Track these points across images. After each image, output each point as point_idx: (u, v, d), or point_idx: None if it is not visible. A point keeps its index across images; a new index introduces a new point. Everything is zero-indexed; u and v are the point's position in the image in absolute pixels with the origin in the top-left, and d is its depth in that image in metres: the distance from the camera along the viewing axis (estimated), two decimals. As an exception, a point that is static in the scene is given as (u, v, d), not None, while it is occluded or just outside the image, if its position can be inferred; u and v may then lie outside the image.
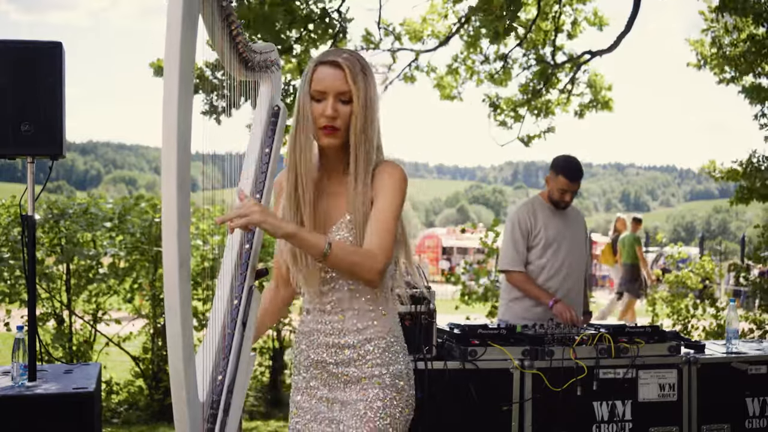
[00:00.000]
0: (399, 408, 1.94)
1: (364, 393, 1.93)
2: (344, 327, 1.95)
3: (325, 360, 1.97)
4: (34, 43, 2.97)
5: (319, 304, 1.98)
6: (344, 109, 1.88)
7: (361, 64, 1.90)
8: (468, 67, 8.10)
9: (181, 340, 1.42)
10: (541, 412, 3.16)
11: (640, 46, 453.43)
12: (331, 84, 1.87)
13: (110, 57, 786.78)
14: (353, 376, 1.95)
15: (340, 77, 1.87)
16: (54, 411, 2.70)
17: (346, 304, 1.96)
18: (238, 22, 1.69)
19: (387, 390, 1.93)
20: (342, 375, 1.96)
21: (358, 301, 1.96)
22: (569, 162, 3.98)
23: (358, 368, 1.95)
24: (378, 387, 1.93)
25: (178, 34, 1.37)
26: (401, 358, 1.99)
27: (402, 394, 1.96)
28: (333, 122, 1.88)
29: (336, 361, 1.96)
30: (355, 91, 1.87)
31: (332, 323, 1.96)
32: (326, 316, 1.97)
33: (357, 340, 1.95)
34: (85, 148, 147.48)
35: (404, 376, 1.98)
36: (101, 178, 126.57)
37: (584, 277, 4.17)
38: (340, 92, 1.87)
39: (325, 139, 1.90)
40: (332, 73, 1.87)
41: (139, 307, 5.76)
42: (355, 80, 1.87)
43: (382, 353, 1.95)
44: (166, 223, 1.40)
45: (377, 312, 1.97)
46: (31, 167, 3.00)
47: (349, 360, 1.95)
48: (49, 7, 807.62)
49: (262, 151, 1.86)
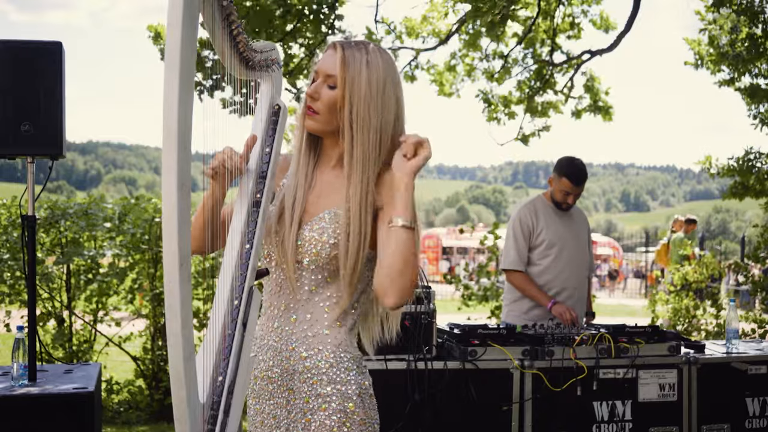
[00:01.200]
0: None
1: (309, 420, 1.73)
2: (293, 333, 1.77)
3: (271, 370, 1.79)
4: (34, 43, 2.97)
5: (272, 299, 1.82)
6: (328, 92, 1.76)
7: (368, 55, 1.75)
8: (466, 64, 8.11)
9: (181, 340, 1.42)
10: (541, 412, 3.16)
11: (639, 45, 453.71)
12: (323, 65, 1.78)
13: (110, 57, 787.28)
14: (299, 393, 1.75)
15: (332, 60, 1.76)
16: (54, 411, 2.70)
17: (302, 306, 1.78)
18: (239, 22, 1.68)
19: (335, 416, 1.71)
20: (285, 391, 1.77)
21: (315, 306, 1.78)
22: (573, 164, 3.97)
23: (304, 384, 1.75)
24: (324, 413, 1.72)
25: (179, 34, 1.37)
26: (352, 377, 1.75)
27: (353, 419, 1.72)
28: (312, 103, 1.77)
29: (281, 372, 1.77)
30: (343, 77, 1.73)
31: (282, 327, 1.79)
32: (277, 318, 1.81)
33: (303, 352, 1.75)
34: (85, 148, 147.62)
35: (354, 397, 1.74)
36: (101, 178, 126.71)
37: (588, 277, 4.17)
38: (327, 74, 1.76)
39: (307, 122, 1.80)
40: (330, 54, 1.78)
41: (139, 307, 5.76)
42: (346, 67, 1.74)
43: (330, 369, 1.74)
44: (166, 223, 1.40)
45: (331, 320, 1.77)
46: (31, 167, 3.00)
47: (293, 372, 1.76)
48: (48, 7, 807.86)
49: (263, 150, 1.85)
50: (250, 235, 1.74)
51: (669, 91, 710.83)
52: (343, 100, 1.74)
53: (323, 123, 1.78)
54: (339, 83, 1.74)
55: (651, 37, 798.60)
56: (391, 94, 1.77)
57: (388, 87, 1.76)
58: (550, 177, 4.08)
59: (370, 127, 1.73)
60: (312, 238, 1.76)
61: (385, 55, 1.80)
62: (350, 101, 1.74)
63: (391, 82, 1.77)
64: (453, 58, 8.10)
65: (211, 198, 1.78)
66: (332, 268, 1.76)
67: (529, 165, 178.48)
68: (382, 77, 1.75)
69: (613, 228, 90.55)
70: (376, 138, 1.74)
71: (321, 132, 1.81)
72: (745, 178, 7.72)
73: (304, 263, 1.77)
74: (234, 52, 1.74)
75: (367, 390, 1.78)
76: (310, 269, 1.77)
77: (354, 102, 1.73)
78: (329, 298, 1.78)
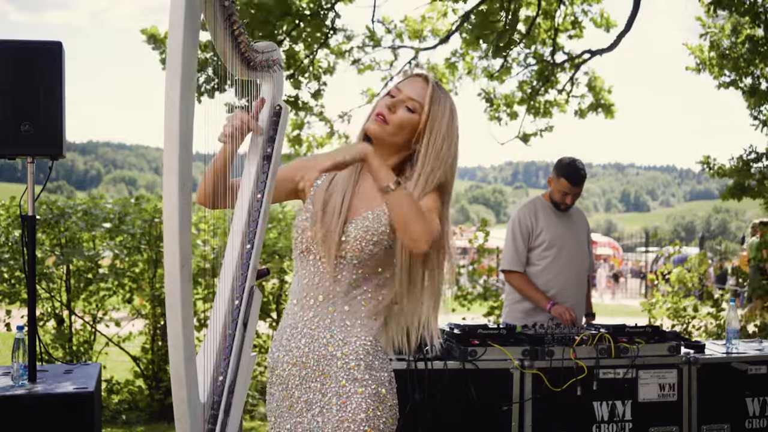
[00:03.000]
0: (382, 420, 1.83)
1: (345, 402, 1.82)
2: (333, 322, 1.89)
3: (306, 356, 1.89)
4: (34, 43, 2.97)
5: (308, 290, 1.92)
6: (405, 113, 1.94)
7: (451, 103, 1.98)
8: (466, 63, 8.11)
9: (182, 340, 1.42)
10: (541, 412, 3.16)
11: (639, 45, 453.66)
12: (410, 89, 1.95)
13: (110, 57, 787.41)
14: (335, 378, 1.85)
15: (420, 89, 1.95)
16: (54, 411, 2.70)
17: (340, 298, 1.90)
18: (240, 22, 1.68)
19: (370, 400, 1.82)
20: (320, 375, 1.87)
21: (354, 299, 1.90)
22: (572, 165, 3.96)
23: (342, 369, 1.85)
24: (360, 396, 1.82)
25: (180, 35, 1.37)
26: (385, 365, 1.90)
27: (385, 403, 1.85)
28: (387, 113, 1.93)
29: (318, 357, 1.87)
30: (428, 110, 1.93)
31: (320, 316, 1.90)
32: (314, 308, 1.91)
33: (342, 339, 1.87)
34: (85, 148, 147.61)
35: (387, 384, 1.88)
36: (101, 178, 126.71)
37: (587, 278, 4.17)
38: (410, 98, 1.94)
39: (372, 125, 1.94)
40: (419, 82, 1.97)
41: (139, 307, 5.76)
42: (433, 102, 1.93)
43: (367, 356, 1.87)
44: (168, 224, 1.40)
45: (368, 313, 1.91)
46: (31, 167, 3.00)
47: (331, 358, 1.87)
48: (48, 7, 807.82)
49: (264, 150, 1.85)
50: (251, 236, 1.74)
51: (669, 91, 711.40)
52: (424, 128, 1.94)
53: (386, 134, 1.94)
54: (423, 113, 1.94)
55: (651, 37, 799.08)
56: (457, 143, 2.00)
57: (457, 138, 2.00)
58: (549, 177, 4.08)
59: (438, 158, 1.93)
60: (357, 235, 1.88)
61: (455, 107, 2.02)
62: (430, 134, 1.94)
63: (458, 134, 2.01)
64: (453, 56, 8.10)
65: (222, 156, 1.90)
66: (372, 264, 1.90)
67: (529, 165, 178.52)
68: (456, 127, 1.99)
69: (613, 228, 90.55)
70: (438, 170, 1.93)
71: (379, 140, 1.95)
72: (744, 178, 7.73)
73: (347, 258, 1.89)
74: (235, 53, 1.74)
75: (393, 379, 1.92)
76: (352, 264, 1.89)
77: (434, 134, 1.94)
78: (366, 292, 1.91)
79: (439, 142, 1.94)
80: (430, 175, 1.93)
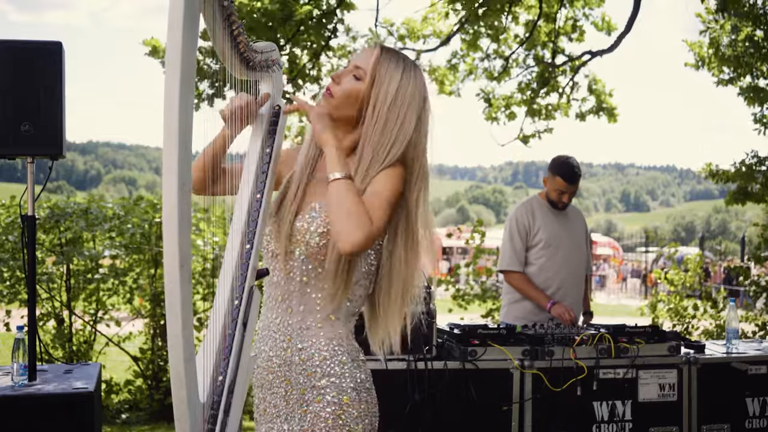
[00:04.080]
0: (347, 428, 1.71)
1: (305, 411, 1.74)
2: (290, 324, 1.77)
3: (271, 360, 1.79)
4: (34, 43, 2.97)
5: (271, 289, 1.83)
6: (351, 81, 1.78)
7: (404, 66, 1.78)
8: (468, 63, 8.11)
9: (181, 340, 1.42)
10: (541, 412, 3.16)
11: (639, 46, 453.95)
12: (357, 57, 1.81)
13: (110, 57, 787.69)
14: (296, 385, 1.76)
15: (367, 56, 1.79)
16: (54, 411, 2.70)
17: (296, 297, 1.77)
18: (239, 22, 1.68)
19: (329, 409, 1.71)
20: (283, 381, 1.77)
21: (308, 297, 1.77)
22: (567, 163, 3.97)
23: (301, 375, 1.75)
24: (319, 405, 1.72)
25: (180, 35, 1.37)
26: (347, 370, 1.74)
27: (350, 411, 1.72)
28: (332, 86, 1.79)
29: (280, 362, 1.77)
30: (372, 75, 1.75)
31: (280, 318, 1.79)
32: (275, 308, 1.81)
33: (299, 344, 1.75)
34: (85, 148, 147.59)
35: (351, 390, 1.73)
36: (101, 178, 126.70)
37: (585, 277, 4.17)
38: (357, 65, 1.78)
39: (319, 102, 1.83)
40: (368, 50, 1.81)
41: (138, 307, 5.76)
42: (378, 66, 1.76)
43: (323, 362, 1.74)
44: (167, 223, 1.40)
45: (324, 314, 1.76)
46: (31, 167, 3.00)
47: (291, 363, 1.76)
48: (48, 7, 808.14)
49: (263, 150, 1.85)
50: (250, 235, 1.74)
51: (669, 91, 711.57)
52: (368, 96, 1.76)
53: (334, 108, 1.79)
54: (368, 79, 1.76)
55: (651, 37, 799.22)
56: (414, 113, 1.77)
57: (413, 105, 1.77)
58: (545, 177, 4.09)
59: (384, 131, 1.75)
60: (302, 228, 1.76)
61: (421, 76, 1.81)
62: (374, 100, 1.76)
63: (418, 103, 1.78)
64: (454, 57, 8.10)
65: (221, 138, 1.83)
66: (323, 259, 1.75)
67: (529, 165, 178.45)
68: (409, 93, 1.77)
69: (613, 228, 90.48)
70: (388, 144, 1.75)
71: (329, 116, 1.80)
72: (746, 182, 7.72)
73: (295, 254, 1.77)
74: (234, 53, 1.74)
75: (364, 383, 1.76)
76: (301, 259, 1.77)
77: (378, 102, 1.76)
78: (322, 289, 1.76)
79: (384, 112, 1.75)
80: (374, 153, 1.74)
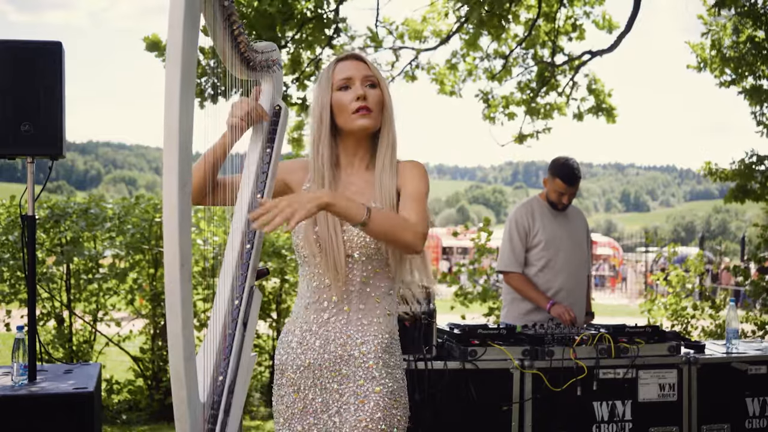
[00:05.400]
0: (397, 417, 1.85)
1: (363, 401, 1.84)
2: (349, 322, 1.89)
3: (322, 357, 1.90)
4: (34, 43, 2.97)
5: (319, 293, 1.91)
6: (373, 92, 1.92)
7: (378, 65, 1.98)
8: (468, 63, 8.10)
9: (181, 340, 1.42)
10: (541, 412, 3.16)
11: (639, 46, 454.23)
12: (356, 71, 1.92)
13: (110, 57, 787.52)
14: (353, 377, 1.87)
15: (362, 65, 1.94)
16: (54, 411, 2.70)
17: (355, 297, 1.90)
18: (240, 22, 1.68)
19: (387, 398, 1.84)
20: (337, 376, 1.88)
21: (368, 296, 1.90)
22: (566, 165, 3.96)
23: (359, 368, 1.87)
24: (378, 395, 1.83)
25: (180, 34, 1.37)
26: (400, 363, 1.93)
27: (399, 401, 1.87)
28: (366, 102, 1.90)
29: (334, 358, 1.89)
30: (378, 78, 1.93)
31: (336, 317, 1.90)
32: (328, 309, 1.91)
33: (359, 338, 1.88)
34: (85, 148, 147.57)
35: (401, 381, 1.91)
36: (101, 178, 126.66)
37: (586, 277, 4.17)
38: (366, 76, 1.92)
39: (360, 121, 1.90)
40: (354, 63, 1.94)
41: (139, 307, 5.76)
42: (377, 70, 1.94)
43: (384, 354, 1.88)
44: (167, 223, 1.40)
45: (383, 310, 1.92)
46: (31, 167, 3.00)
47: (348, 358, 1.88)
48: (47, 7, 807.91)
49: (263, 151, 1.85)
50: (250, 236, 1.74)
51: (669, 91, 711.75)
52: (387, 97, 1.95)
53: (375, 119, 1.93)
54: (380, 82, 1.94)
55: (651, 37, 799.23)
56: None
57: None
58: (545, 178, 4.08)
59: (394, 122, 1.95)
60: (358, 232, 1.86)
61: None
62: (387, 101, 1.95)
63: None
64: (454, 57, 8.09)
65: (222, 146, 1.84)
66: (380, 258, 1.89)
67: (529, 165, 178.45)
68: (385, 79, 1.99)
69: (613, 228, 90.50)
70: (395, 131, 1.96)
71: (374, 128, 1.94)
72: (746, 181, 7.71)
73: (354, 256, 1.88)
74: (235, 53, 1.74)
75: (405, 376, 1.94)
76: (361, 261, 1.88)
77: (387, 102, 1.95)
78: (379, 288, 1.90)
79: (392, 107, 1.96)
80: (393, 145, 1.94)
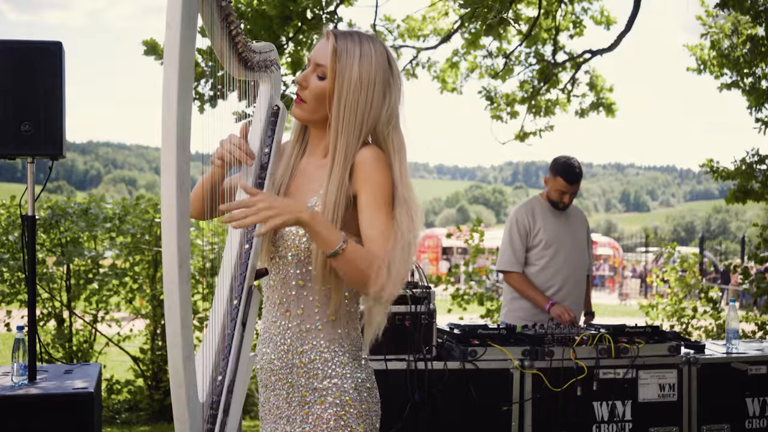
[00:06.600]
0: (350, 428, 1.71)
1: (307, 413, 1.74)
2: (288, 328, 1.77)
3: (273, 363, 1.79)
4: (34, 43, 2.97)
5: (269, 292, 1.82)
6: (317, 83, 1.74)
7: (361, 47, 1.71)
8: (469, 62, 8.11)
9: (180, 340, 1.42)
10: (541, 412, 3.16)
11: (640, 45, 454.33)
12: (315, 54, 1.75)
13: (110, 57, 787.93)
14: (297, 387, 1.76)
15: (324, 49, 1.74)
16: (54, 411, 2.70)
17: (293, 301, 1.76)
18: (238, 22, 1.68)
19: (332, 410, 1.72)
20: (285, 384, 1.78)
21: (306, 300, 1.75)
22: (568, 164, 3.96)
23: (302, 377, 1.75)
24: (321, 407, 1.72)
25: (178, 35, 1.37)
26: (348, 371, 1.75)
27: (351, 411, 1.72)
28: (301, 92, 1.76)
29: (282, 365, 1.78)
30: (332, 68, 1.71)
31: (279, 321, 1.78)
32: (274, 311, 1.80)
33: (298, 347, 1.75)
34: (85, 148, 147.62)
35: (352, 391, 1.74)
36: (101, 178, 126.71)
37: (586, 277, 4.17)
38: (317, 64, 1.74)
39: (294, 110, 1.79)
40: (322, 43, 1.75)
41: (139, 308, 5.76)
42: (337, 58, 1.70)
43: (324, 364, 1.74)
44: (166, 223, 1.40)
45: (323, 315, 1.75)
46: (31, 167, 3.01)
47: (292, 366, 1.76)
48: (46, 7, 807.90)
49: (262, 151, 1.85)
50: (249, 236, 1.74)
51: (669, 91, 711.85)
52: (332, 91, 1.72)
53: (309, 112, 1.77)
54: (329, 74, 1.72)
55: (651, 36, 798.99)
56: (380, 90, 1.73)
57: (378, 83, 1.73)
58: (546, 177, 4.09)
59: (354, 121, 1.71)
60: (290, 231, 1.74)
61: (379, 47, 1.75)
62: (339, 93, 1.71)
63: (381, 77, 1.73)
64: (455, 55, 8.09)
65: (210, 181, 1.83)
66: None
67: (529, 165, 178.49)
68: (374, 72, 1.72)
69: (613, 228, 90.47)
70: (359, 132, 1.72)
71: (307, 121, 1.81)
72: (747, 181, 7.71)
73: (288, 258, 1.76)
74: (233, 53, 1.74)
75: (365, 382, 1.77)
76: (294, 263, 1.75)
77: (342, 94, 1.71)
78: (319, 291, 1.74)
79: (351, 100, 1.70)
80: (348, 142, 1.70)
